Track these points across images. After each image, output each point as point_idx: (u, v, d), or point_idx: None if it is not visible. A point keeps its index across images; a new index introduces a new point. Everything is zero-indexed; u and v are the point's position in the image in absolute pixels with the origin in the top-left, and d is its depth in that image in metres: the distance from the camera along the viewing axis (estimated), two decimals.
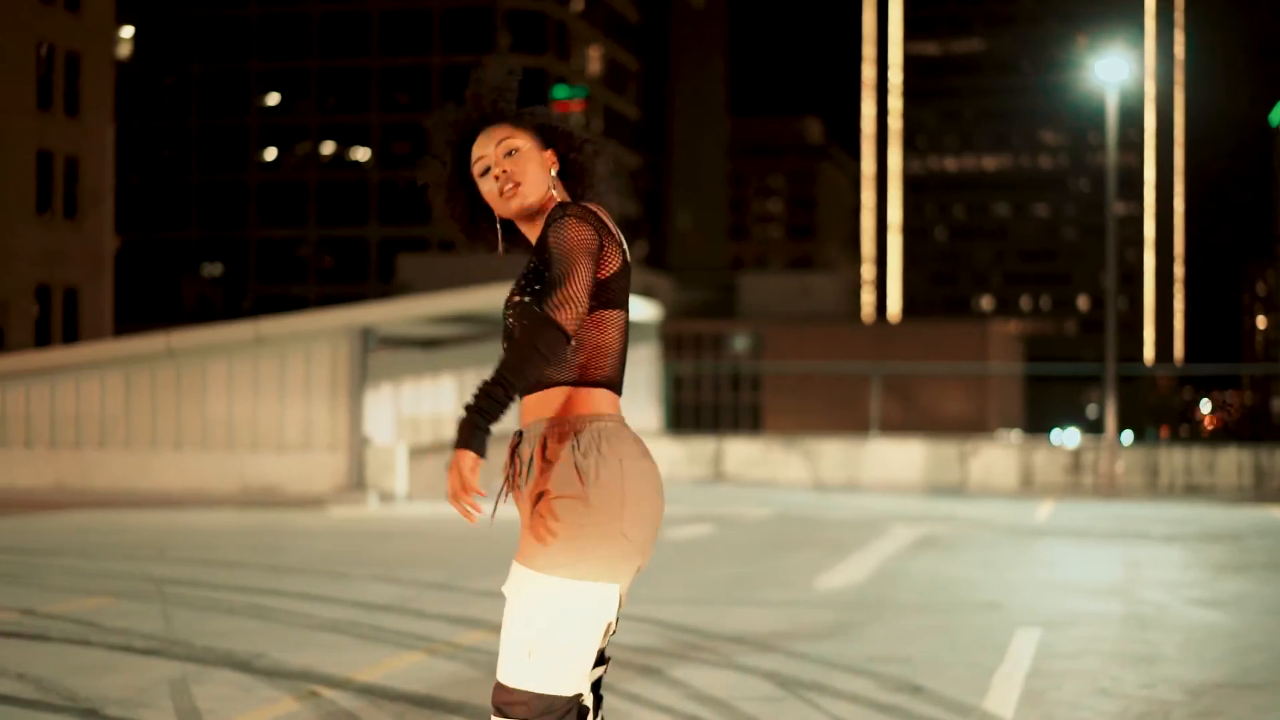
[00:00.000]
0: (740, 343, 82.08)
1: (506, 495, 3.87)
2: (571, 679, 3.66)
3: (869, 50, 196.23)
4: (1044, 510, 22.11)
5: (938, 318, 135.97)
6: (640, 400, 26.53)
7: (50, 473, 22.02)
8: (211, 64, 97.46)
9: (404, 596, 11.39)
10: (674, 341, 75.68)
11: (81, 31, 55.79)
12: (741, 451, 26.19)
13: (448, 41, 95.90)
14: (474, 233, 4.02)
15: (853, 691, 7.79)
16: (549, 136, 3.93)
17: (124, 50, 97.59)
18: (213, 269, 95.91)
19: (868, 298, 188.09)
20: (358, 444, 21.27)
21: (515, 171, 3.83)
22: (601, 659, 3.88)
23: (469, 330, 25.48)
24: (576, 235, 3.70)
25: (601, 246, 3.75)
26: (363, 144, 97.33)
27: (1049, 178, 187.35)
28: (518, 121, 3.91)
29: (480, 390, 3.57)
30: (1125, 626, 10.30)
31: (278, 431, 21.66)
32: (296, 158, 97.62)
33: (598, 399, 3.78)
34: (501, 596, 8.50)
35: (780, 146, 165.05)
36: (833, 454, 26.15)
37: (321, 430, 21.54)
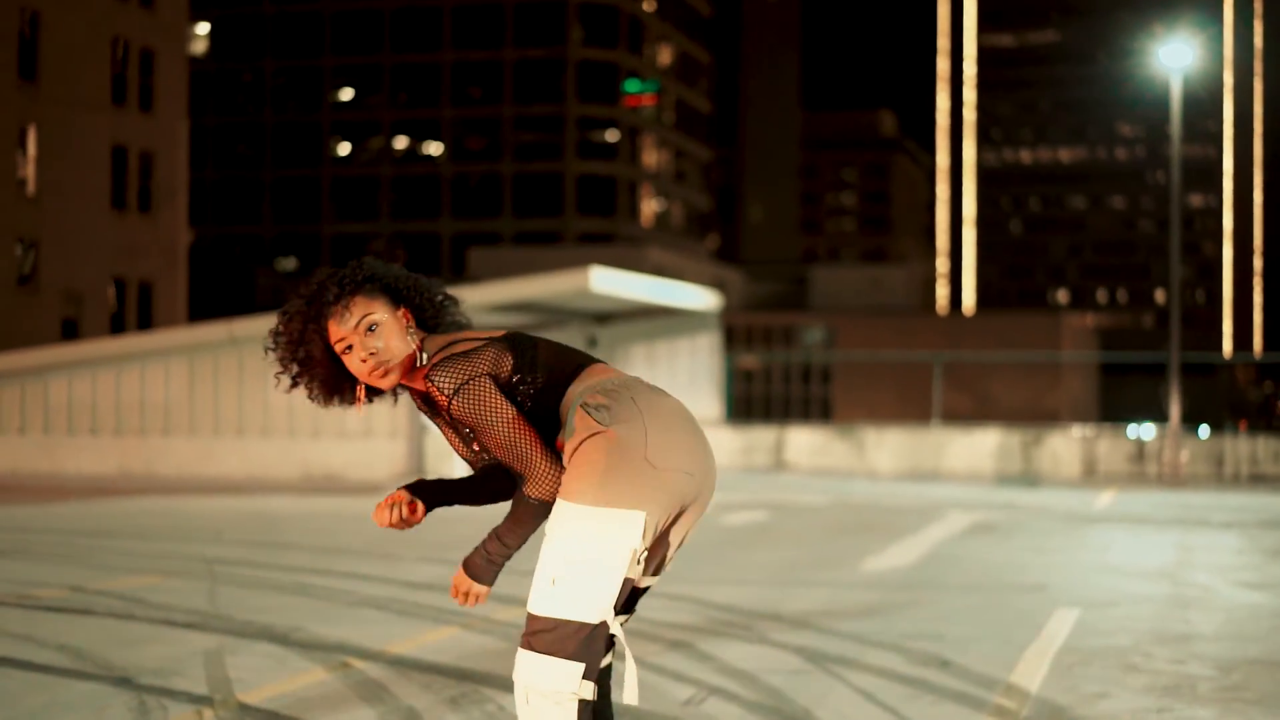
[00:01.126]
0: (812, 336, 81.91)
1: None
2: (594, 605, 3.73)
3: (943, 43, 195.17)
4: (1105, 499, 21.97)
5: (1011, 311, 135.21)
6: (701, 389, 26.55)
7: (115, 460, 22.30)
8: (285, 60, 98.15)
9: (448, 576, 11.49)
10: (744, 334, 75.70)
11: (155, 27, 56.34)
12: (803, 440, 26.16)
13: (520, 36, 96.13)
14: (335, 394, 4.06)
15: (880, 666, 7.81)
16: (396, 297, 3.98)
17: (199, 47, 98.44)
18: (286, 263, 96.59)
19: (942, 291, 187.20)
20: (417, 431, 21.41)
21: (382, 351, 3.88)
22: (631, 604, 3.95)
23: (533, 320, 25.58)
24: (484, 407, 3.82)
25: (495, 376, 3.86)
26: (435, 138, 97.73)
27: (1125, 170, 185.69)
28: (370, 292, 3.95)
29: (501, 550, 3.91)
30: (1166, 607, 10.25)
31: (338, 419, 21.84)
32: (369, 152, 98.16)
33: (586, 376, 3.93)
34: None
35: (854, 140, 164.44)
36: (895, 443, 26.08)
37: (381, 417, 21.70)
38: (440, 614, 9.49)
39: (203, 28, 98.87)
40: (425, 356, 3.93)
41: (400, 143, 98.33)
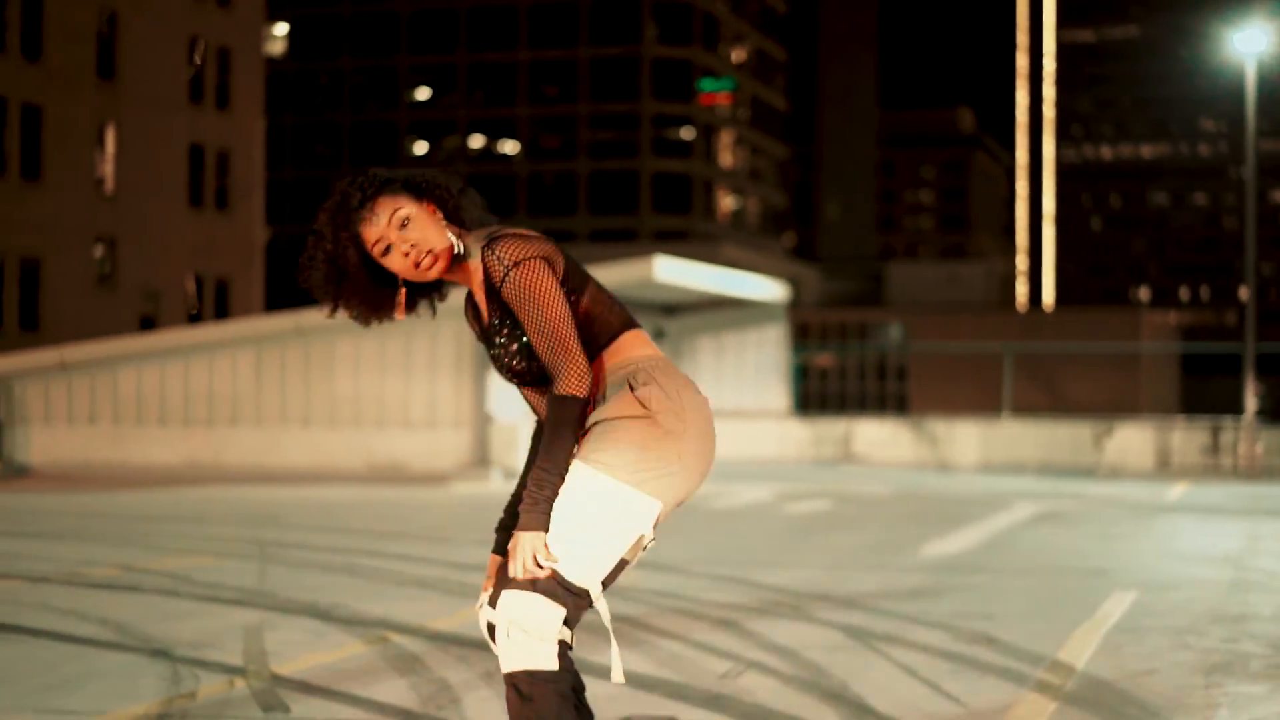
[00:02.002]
0: (889, 332, 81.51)
1: None
2: (589, 573, 3.70)
3: (1022, 39, 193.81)
4: (1177, 490, 21.66)
5: (1090, 307, 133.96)
6: (767, 381, 26.41)
7: (183, 450, 22.43)
8: (362, 59, 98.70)
9: None
10: (818, 331, 75.45)
11: (232, 27, 56.77)
12: (871, 433, 25.97)
13: (595, 34, 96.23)
14: (377, 311, 4.01)
15: (924, 642, 7.68)
16: (418, 191, 3.93)
17: (278, 48, 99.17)
18: None
19: (1022, 289, 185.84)
20: (481, 421, 21.40)
21: (420, 241, 3.84)
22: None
23: None
24: (540, 288, 3.76)
25: (550, 264, 3.80)
26: (510, 137, 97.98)
27: (1208, 165, 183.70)
28: (392, 190, 3.91)
29: (539, 479, 3.71)
30: (1226, 590, 10.05)
31: (403, 409, 21.87)
32: (445, 151, 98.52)
33: (627, 345, 3.89)
34: None
35: (931, 137, 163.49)
36: (964, 435, 25.85)
37: (446, 408, 21.71)
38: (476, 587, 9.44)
39: (281, 28, 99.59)
40: (463, 246, 3.90)
41: (476, 141, 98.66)
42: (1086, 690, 6.53)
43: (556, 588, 3.67)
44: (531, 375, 3.91)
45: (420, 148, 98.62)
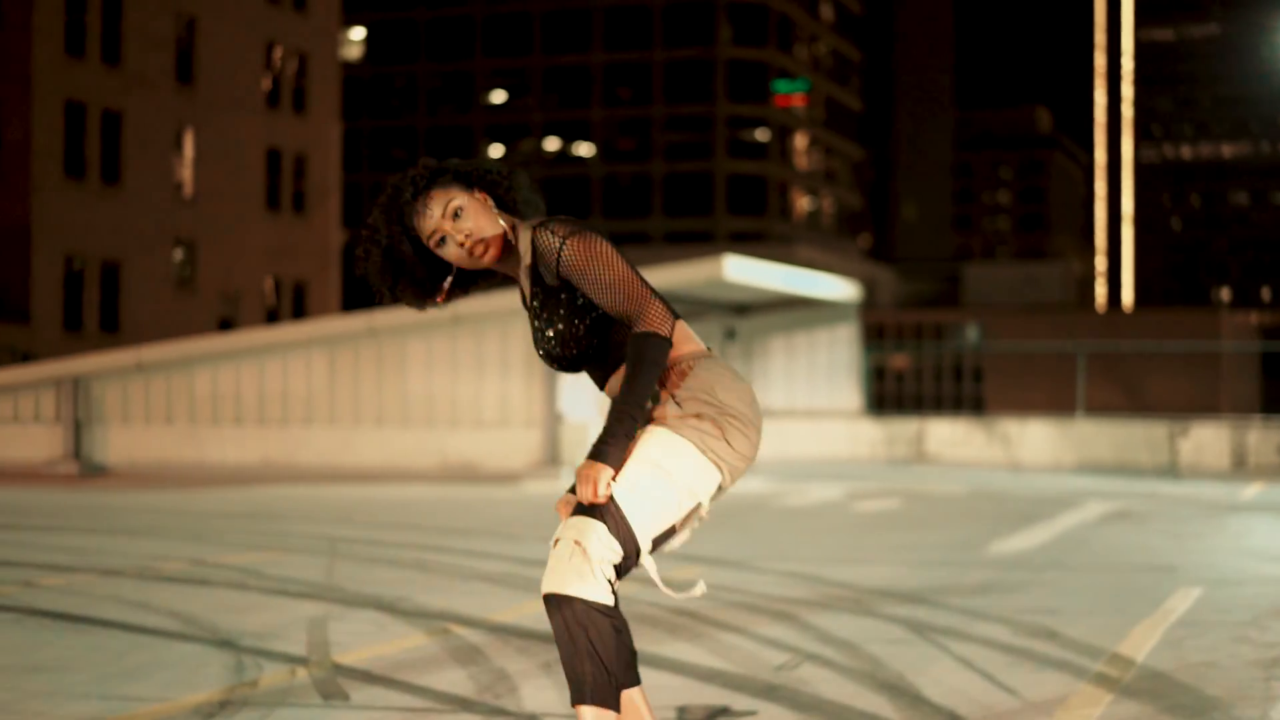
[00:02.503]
0: (964, 333, 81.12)
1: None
2: (646, 523, 3.82)
3: (1100, 38, 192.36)
4: (1252, 490, 21.45)
5: (1169, 308, 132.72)
6: (840, 381, 26.37)
7: (258, 449, 22.66)
8: (438, 63, 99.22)
9: None
10: (894, 332, 75.26)
11: (308, 32, 57.23)
12: (943, 432, 25.89)
13: (669, 36, 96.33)
14: (431, 297, 4.13)
15: (985, 636, 7.68)
16: (469, 181, 4.04)
17: (355, 52, 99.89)
18: None
19: (1100, 290, 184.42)
20: (551, 421, 21.50)
21: (474, 230, 3.96)
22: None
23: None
24: (599, 249, 3.88)
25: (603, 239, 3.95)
26: (585, 140, 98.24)
27: None
28: (444, 182, 4.01)
29: (618, 413, 3.81)
30: None
31: (475, 409, 22.00)
32: (521, 154, 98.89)
33: (680, 339, 3.98)
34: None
35: (1009, 137, 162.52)
36: (1036, 435, 25.71)
37: (517, 407, 21.82)
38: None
39: (358, 33, 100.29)
40: (514, 234, 4.02)
41: (551, 144, 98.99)
42: (1144, 682, 6.52)
43: (620, 529, 3.77)
44: (568, 360, 3.99)
45: (496, 151, 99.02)
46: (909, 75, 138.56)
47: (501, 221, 4.00)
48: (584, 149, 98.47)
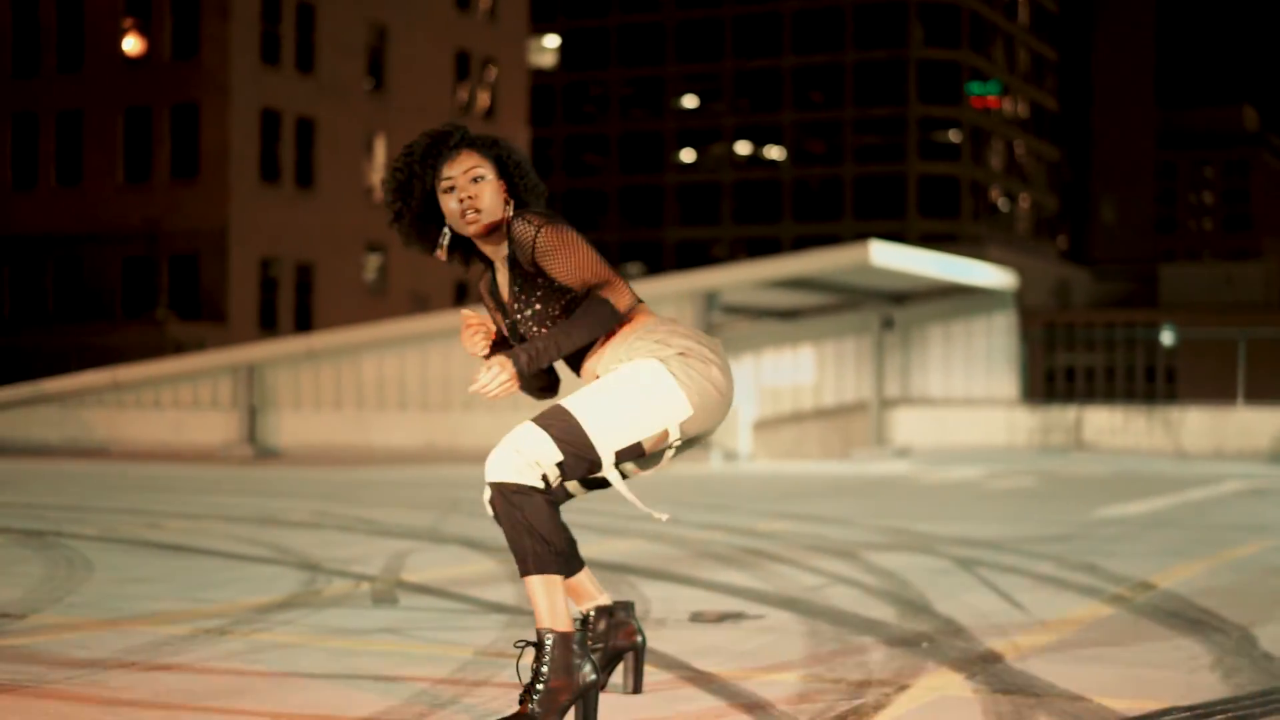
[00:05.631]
0: (1162, 334, 79.76)
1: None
2: (607, 433, 4.13)
3: None
4: None
5: None
6: (997, 369, 26.44)
7: (421, 433, 23.46)
8: (630, 69, 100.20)
9: (674, 514, 11.97)
10: (1085, 331, 74.20)
11: (497, 39, 58.40)
12: (1101, 420, 25.81)
13: (860, 38, 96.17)
14: (419, 239, 4.51)
15: (1026, 569, 7.97)
16: (504, 169, 4.42)
17: (548, 59, 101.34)
18: (632, 268, 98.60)
19: None
20: None
21: (478, 198, 4.33)
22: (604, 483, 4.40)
23: (822, 299, 25.89)
24: (568, 236, 4.26)
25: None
26: (776, 143, 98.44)
27: None
28: (484, 150, 4.42)
29: (548, 336, 4.16)
30: None
31: None
32: (712, 158, 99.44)
33: (640, 313, 4.35)
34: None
35: (1212, 136, 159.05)
36: (1196, 423, 25.52)
37: None
38: (624, 529, 9.99)
39: (551, 41, 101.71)
40: (507, 229, 4.36)
41: (742, 148, 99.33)
42: (1155, 600, 6.78)
43: (571, 440, 4.11)
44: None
45: (687, 155, 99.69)
46: (1108, 74, 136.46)
47: (504, 212, 4.38)
48: (775, 152, 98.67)
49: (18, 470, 18.98)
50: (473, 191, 4.32)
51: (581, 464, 4.16)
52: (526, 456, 4.09)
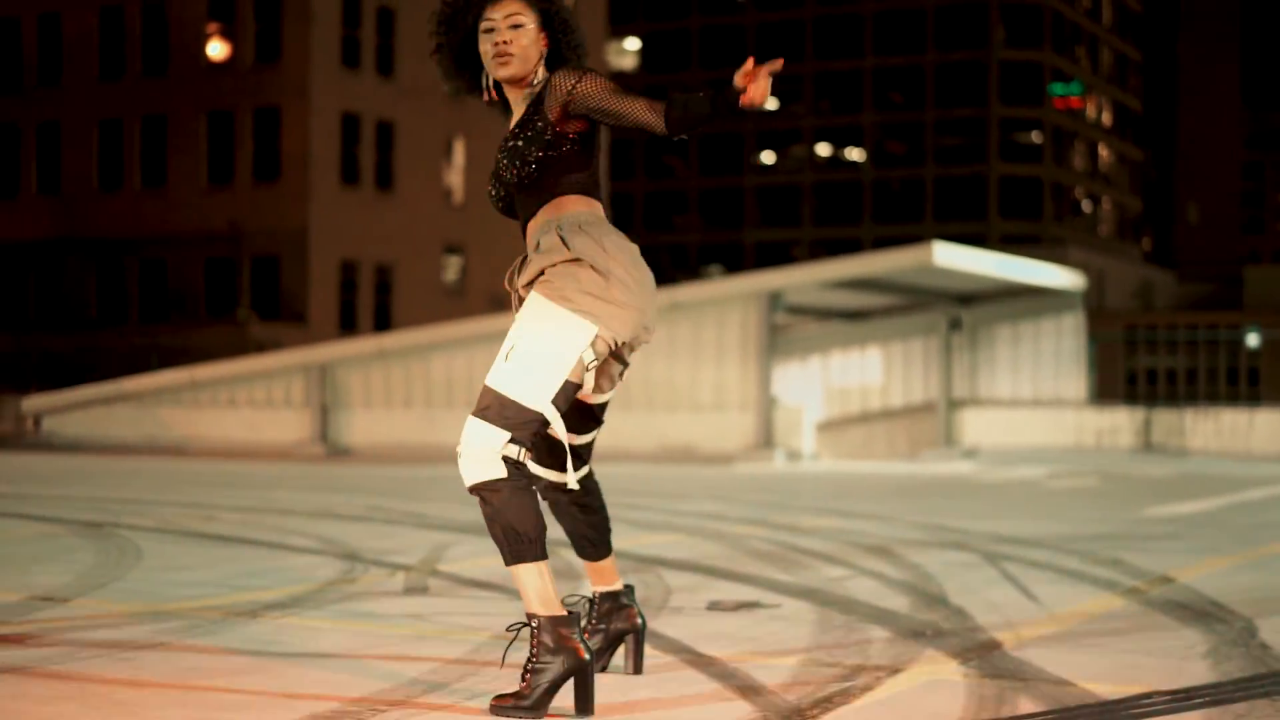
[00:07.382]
0: (1246, 335, 79.00)
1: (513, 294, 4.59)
2: (534, 391, 4.27)
3: None
4: None
5: None
6: (1066, 370, 26.41)
7: None
8: (711, 71, 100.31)
9: (723, 510, 12.13)
10: (1167, 333, 73.60)
11: None
12: (1170, 422, 25.71)
13: (941, 39, 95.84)
14: (456, 76, 4.69)
15: (1051, 563, 8.08)
16: (549, 23, 4.59)
17: (628, 62, 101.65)
18: (711, 270, 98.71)
19: None
20: (766, 404, 22.11)
21: (513, 42, 4.51)
22: (591, 418, 4.59)
23: (888, 300, 25.95)
24: (608, 83, 4.46)
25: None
26: (857, 145, 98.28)
27: None
28: (534, 3, 4.58)
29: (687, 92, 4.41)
30: None
31: (692, 393, 22.73)
32: (792, 160, 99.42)
33: (574, 201, 4.52)
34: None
35: None
36: (1266, 423, 25.38)
37: (733, 391, 22.48)
38: (664, 524, 10.16)
39: (632, 43, 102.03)
40: (536, 80, 4.53)
41: (823, 150, 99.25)
42: (1170, 594, 6.88)
43: (506, 416, 4.27)
44: (512, 183, 4.50)
45: (768, 157, 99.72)
46: (1193, 75, 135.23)
47: (535, 65, 4.53)
48: (855, 154, 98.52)
49: (91, 466, 19.43)
50: (509, 36, 4.48)
51: (529, 427, 4.28)
52: (480, 450, 4.27)
